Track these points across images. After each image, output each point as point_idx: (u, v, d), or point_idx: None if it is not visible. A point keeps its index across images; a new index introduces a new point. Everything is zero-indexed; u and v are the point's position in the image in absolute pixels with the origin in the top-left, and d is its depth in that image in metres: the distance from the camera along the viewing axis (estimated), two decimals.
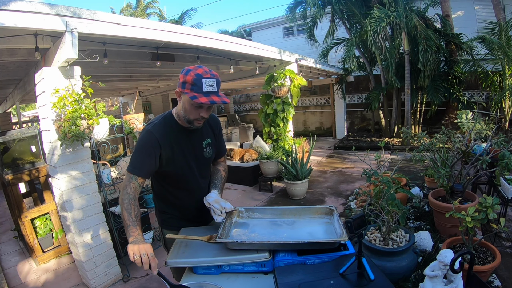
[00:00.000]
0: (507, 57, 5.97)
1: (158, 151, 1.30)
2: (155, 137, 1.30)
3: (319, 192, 4.91)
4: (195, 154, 1.43)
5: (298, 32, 11.63)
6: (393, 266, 1.08)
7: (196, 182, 1.46)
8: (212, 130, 1.52)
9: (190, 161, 1.41)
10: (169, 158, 1.34)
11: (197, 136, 1.43)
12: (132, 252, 1.06)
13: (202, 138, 1.45)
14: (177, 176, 1.41)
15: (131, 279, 2.80)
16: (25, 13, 1.85)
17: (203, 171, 1.50)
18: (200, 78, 1.20)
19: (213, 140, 1.51)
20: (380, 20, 6.38)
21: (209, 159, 1.50)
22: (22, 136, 3.30)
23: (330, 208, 1.32)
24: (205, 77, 1.20)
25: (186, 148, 1.39)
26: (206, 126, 1.46)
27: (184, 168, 1.40)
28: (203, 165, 1.49)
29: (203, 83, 1.19)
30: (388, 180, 1.38)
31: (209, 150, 1.48)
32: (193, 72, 1.21)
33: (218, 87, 1.24)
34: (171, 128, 1.35)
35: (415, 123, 8.24)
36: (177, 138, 1.36)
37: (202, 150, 1.45)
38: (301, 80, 5.13)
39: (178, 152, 1.36)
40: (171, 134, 1.34)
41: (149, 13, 15.00)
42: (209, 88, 1.20)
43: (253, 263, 1.08)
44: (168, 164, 1.35)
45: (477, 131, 1.80)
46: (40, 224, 3.30)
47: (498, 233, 2.26)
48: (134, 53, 3.54)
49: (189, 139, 1.40)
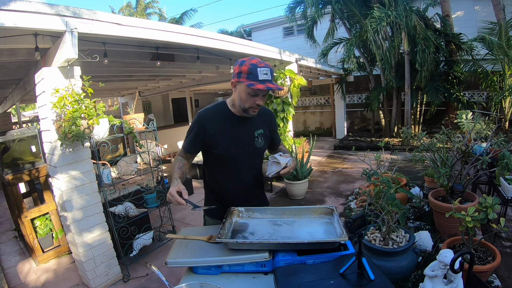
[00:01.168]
0: (507, 57, 5.97)
1: (202, 132, 1.42)
2: (201, 120, 1.43)
3: (319, 192, 4.91)
4: (245, 141, 1.47)
5: (298, 32, 11.62)
6: (393, 266, 1.08)
7: (242, 170, 1.49)
8: (266, 121, 1.55)
9: (237, 147, 1.45)
10: (215, 141, 1.43)
11: (248, 125, 1.48)
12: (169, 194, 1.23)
13: (254, 128, 1.49)
14: (223, 159, 1.47)
15: (131, 279, 2.80)
16: (25, 13, 1.85)
17: (252, 160, 1.52)
18: (255, 67, 1.27)
19: (266, 131, 1.54)
20: (380, 20, 6.38)
21: (260, 149, 1.52)
22: (22, 136, 3.30)
23: (330, 208, 1.32)
24: (260, 66, 1.28)
25: (235, 134, 1.45)
26: (259, 117, 1.50)
27: (229, 152, 1.45)
28: (252, 154, 1.51)
29: (258, 72, 1.27)
30: (388, 180, 1.38)
31: (260, 140, 1.50)
32: (248, 62, 1.30)
33: (272, 76, 1.31)
34: (220, 114, 1.45)
35: (415, 123, 8.24)
36: (225, 124, 1.44)
37: (254, 139, 1.48)
38: (301, 80, 5.13)
39: (224, 136, 1.43)
40: (219, 119, 1.44)
41: (149, 13, 15.00)
42: (264, 76, 1.28)
43: (253, 263, 1.08)
44: (214, 146, 1.44)
45: (477, 131, 1.80)
46: (40, 224, 3.30)
47: (498, 233, 2.26)
48: (134, 53, 3.54)
49: (239, 127, 1.46)
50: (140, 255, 3.05)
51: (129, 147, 8.24)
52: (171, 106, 11.19)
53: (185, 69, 5.25)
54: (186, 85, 7.54)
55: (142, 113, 3.56)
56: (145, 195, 3.34)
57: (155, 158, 3.46)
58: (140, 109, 9.12)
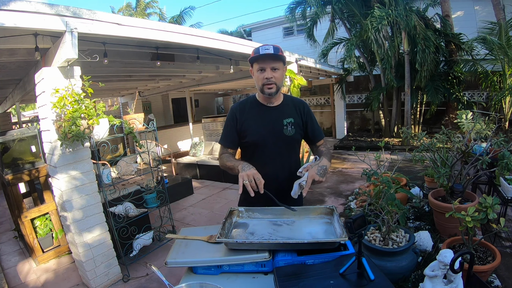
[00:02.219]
0: (507, 57, 5.98)
1: (235, 123, 1.53)
2: (234, 112, 1.55)
3: (319, 192, 4.91)
4: (274, 129, 1.51)
5: (298, 32, 11.63)
6: (393, 266, 1.08)
7: (273, 159, 1.51)
8: (297, 111, 1.58)
9: (266, 134, 1.51)
10: (245, 129, 1.52)
11: (277, 113, 1.54)
12: (242, 178, 1.27)
13: (283, 116, 1.54)
14: (253, 147, 1.52)
15: (131, 279, 2.80)
16: (25, 13, 1.85)
17: (282, 148, 1.54)
18: (258, 47, 1.44)
19: (298, 120, 1.56)
20: (381, 19, 6.39)
21: (290, 138, 1.54)
22: (22, 136, 3.30)
23: (330, 208, 1.32)
24: (262, 46, 1.44)
25: (264, 122, 1.52)
26: (289, 106, 1.58)
27: (259, 139, 1.51)
28: (283, 142, 1.53)
29: (260, 49, 1.42)
30: (388, 180, 1.38)
31: (290, 129, 1.53)
32: (254, 49, 1.46)
33: (275, 50, 1.41)
34: (250, 104, 1.56)
35: (415, 123, 8.24)
36: (254, 113, 1.53)
37: (282, 127, 1.52)
38: (301, 80, 5.14)
39: (253, 124, 1.51)
40: (248, 108, 1.54)
41: (149, 13, 14.99)
42: (265, 51, 1.40)
43: (253, 263, 1.08)
44: (245, 135, 1.52)
45: (477, 131, 1.80)
46: (40, 224, 3.30)
47: (498, 233, 2.26)
48: (134, 53, 3.54)
49: (268, 115, 1.53)
50: (140, 255, 3.05)
51: (129, 147, 8.23)
52: (171, 106, 11.18)
53: (185, 69, 5.25)
54: (186, 85, 7.54)
55: (142, 113, 3.56)
56: (145, 195, 3.34)
57: (155, 158, 3.45)
58: (140, 109, 9.11)
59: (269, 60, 1.42)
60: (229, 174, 1.73)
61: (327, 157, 1.48)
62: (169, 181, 5.09)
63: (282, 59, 1.46)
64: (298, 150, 1.65)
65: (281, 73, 1.48)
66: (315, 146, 1.67)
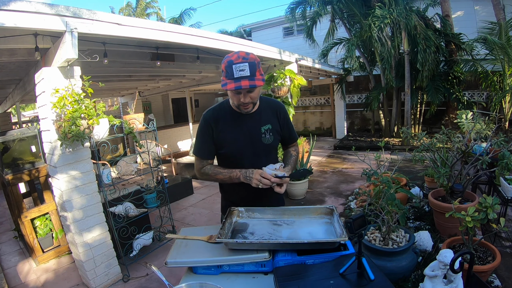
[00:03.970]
0: (507, 57, 5.98)
1: (211, 132, 1.41)
2: (207, 120, 1.42)
3: (319, 192, 4.91)
4: (251, 138, 1.43)
5: (298, 32, 11.62)
6: (393, 266, 1.08)
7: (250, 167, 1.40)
8: (274, 115, 1.49)
9: (243, 145, 1.42)
10: (222, 140, 1.42)
11: (254, 121, 1.43)
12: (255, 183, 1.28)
13: (260, 124, 1.44)
14: (231, 159, 1.45)
15: (131, 279, 2.80)
16: (25, 13, 1.85)
17: (261, 157, 1.45)
18: (231, 64, 1.22)
19: (276, 126, 1.48)
20: (383, 18, 6.40)
21: (269, 146, 1.46)
22: (22, 136, 3.30)
23: (330, 208, 1.32)
24: (236, 62, 1.21)
25: (240, 132, 1.42)
26: (266, 111, 1.47)
27: (236, 150, 1.42)
28: (261, 151, 1.45)
29: (233, 69, 1.21)
30: (388, 180, 1.38)
31: (268, 136, 1.45)
32: (226, 59, 1.25)
33: (252, 70, 1.22)
34: (224, 112, 1.43)
35: (415, 123, 8.24)
36: (229, 122, 1.42)
37: (260, 135, 1.44)
38: (301, 80, 5.13)
39: (229, 135, 1.41)
40: (223, 118, 1.42)
41: (149, 13, 15.00)
42: (240, 73, 1.21)
43: (253, 263, 1.08)
44: (222, 146, 1.43)
45: (477, 131, 1.80)
46: (40, 224, 3.30)
47: (498, 233, 2.26)
48: (134, 53, 3.54)
49: (244, 124, 1.42)
50: (140, 255, 3.05)
51: (129, 147, 8.24)
52: (171, 106, 11.18)
53: (185, 69, 5.25)
54: (186, 85, 7.54)
55: (142, 113, 3.56)
56: (145, 195, 3.34)
57: (155, 158, 3.45)
58: (140, 109, 9.12)
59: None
60: None
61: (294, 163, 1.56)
62: (169, 181, 5.09)
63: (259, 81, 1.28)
64: (276, 155, 1.59)
65: (258, 90, 1.34)
66: (286, 147, 1.65)
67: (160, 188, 3.39)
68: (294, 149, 1.64)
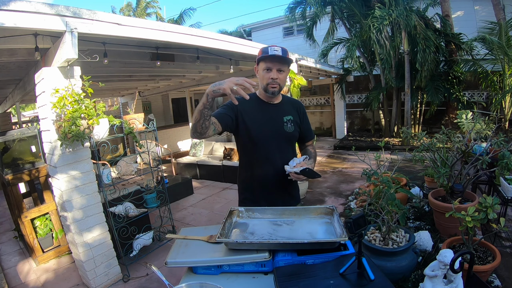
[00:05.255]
0: (507, 57, 5.98)
1: (235, 111, 1.51)
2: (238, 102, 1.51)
3: (319, 192, 4.91)
4: (274, 126, 1.55)
5: (298, 32, 11.62)
6: (393, 266, 1.08)
7: (273, 154, 1.54)
8: (295, 109, 1.65)
9: (267, 130, 1.54)
10: (246, 123, 1.52)
11: (277, 110, 1.58)
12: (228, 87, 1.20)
13: (283, 114, 1.59)
14: (255, 141, 1.53)
15: (131, 279, 2.80)
16: (25, 13, 1.85)
17: (283, 144, 1.57)
18: (267, 47, 1.46)
19: (296, 119, 1.62)
20: (382, 19, 6.39)
21: (290, 134, 1.58)
22: (22, 136, 3.30)
23: (330, 208, 1.32)
24: (271, 46, 1.46)
25: (264, 118, 1.55)
26: (288, 104, 1.64)
27: (261, 134, 1.53)
28: (283, 138, 1.57)
29: (269, 49, 1.44)
30: (388, 180, 1.38)
31: (290, 125, 1.58)
32: (262, 48, 1.48)
33: (284, 52, 1.45)
34: (251, 100, 1.51)
35: (415, 123, 8.24)
36: (256, 108, 1.55)
37: (283, 124, 1.57)
38: (301, 80, 5.13)
39: (254, 119, 1.53)
40: (249, 103, 1.51)
41: (149, 13, 15.01)
42: (274, 52, 1.43)
43: (253, 263, 1.08)
44: (246, 129, 1.52)
45: (477, 131, 1.80)
46: (40, 224, 3.30)
47: (498, 233, 2.26)
48: (134, 53, 3.54)
49: (268, 111, 1.56)
50: (140, 255, 3.05)
51: (129, 147, 8.24)
52: (171, 106, 11.17)
53: (185, 69, 5.25)
54: (186, 85, 7.54)
55: (142, 113, 3.55)
56: (145, 195, 3.34)
57: (155, 158, 3.46)
58: (140, 109, 9.11)
59: (277, 62, 1.46)
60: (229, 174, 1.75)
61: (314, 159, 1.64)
62: (169, 181, 5.09)
63: (288, 62, 1.50)
64: (295, 147, 1.71)
65: (286, 75, 1.52)
66: (304, 145, 1.76)
67: (160, 188, 3.39)
68: (312, 147, 1.76)
